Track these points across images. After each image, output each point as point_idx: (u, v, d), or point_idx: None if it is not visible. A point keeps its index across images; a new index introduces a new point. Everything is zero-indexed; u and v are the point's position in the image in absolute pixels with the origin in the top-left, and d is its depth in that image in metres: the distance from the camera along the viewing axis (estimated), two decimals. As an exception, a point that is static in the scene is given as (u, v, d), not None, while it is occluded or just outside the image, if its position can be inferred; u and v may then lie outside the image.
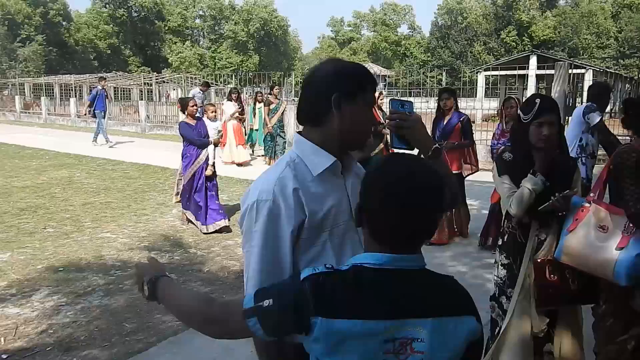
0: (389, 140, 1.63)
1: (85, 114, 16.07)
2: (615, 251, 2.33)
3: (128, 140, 17.13)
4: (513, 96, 6.19)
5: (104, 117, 15.68)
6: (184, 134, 6.48)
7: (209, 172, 6.55)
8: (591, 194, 2.55)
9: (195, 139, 6.44)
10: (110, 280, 4.83)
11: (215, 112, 7.69)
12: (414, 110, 1.60)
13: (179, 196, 6.81)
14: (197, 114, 6.77)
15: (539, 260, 2.55)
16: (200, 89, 15.14)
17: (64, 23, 54.83)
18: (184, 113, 6.72)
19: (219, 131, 7.53)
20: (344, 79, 1.48)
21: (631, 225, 2.34)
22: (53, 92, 28.89)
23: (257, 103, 12.92)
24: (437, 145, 1.59)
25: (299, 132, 1.56)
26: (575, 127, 5.06)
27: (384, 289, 1.16)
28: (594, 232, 2.40)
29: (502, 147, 5.48)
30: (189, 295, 1.49)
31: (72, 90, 27.29)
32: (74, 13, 58.51)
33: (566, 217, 2.53)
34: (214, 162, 6.72)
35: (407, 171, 1.19)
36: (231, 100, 11.98)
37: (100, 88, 15.53)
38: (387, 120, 1.58)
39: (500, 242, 2.83)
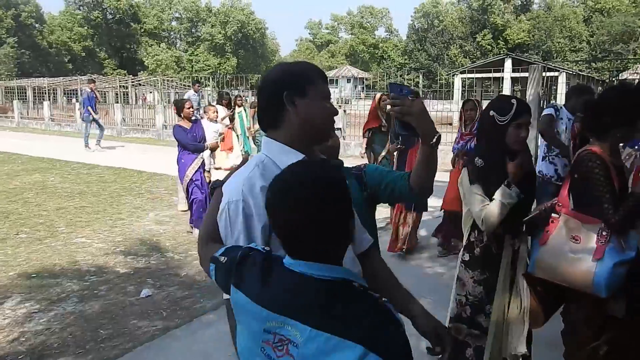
0: (394, 127, 1.68)
1: (96, 118, 15.40)
2: (592, 262, 2.28)
3: (103, 143, 16.85)
4: (472, 98, 5.96)
5: (92, 121, 15.41)
6: (178, 138, 6.24)
7: (207, 178, 6.42)
8: (558, 204, 2.49)
9: (188, 144, 6.21)
10: (85, 286, 4.74)
11: (217, 112, 7.46)
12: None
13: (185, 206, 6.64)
14: (194, 116, 6.51)
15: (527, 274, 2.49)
16: (195, 90, 14.68)
17: (36, 25, 53.84)
18: (179, 115, 6.44)
19: (221, 134, 7.25)
20: (291, 77, 1.54)
21: (604, 234, 2.30)
22: (26, 96, 28.34)
23: (236, 107, 12.44)
24: (439, 133, 1.63)
25: (266, 136, 1.59)
26: None
27: (278, 282, 1.21)
28: (567, 243, 2.37)
29: (457, 150, 5.39)
30: (211, 218, 1.56)
31: (45, 93, 26.80)
32: (47, 15, 57.52)
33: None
34: (209, 169, 6.60)
35: (282, 179, 1.23)
36: (221, 105, 11.55)
37: (90, 90, 15.29)
38: (388, 106, 1.65)
39: (467, 258, 2.61)
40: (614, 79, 13.45)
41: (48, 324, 3.97)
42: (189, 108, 6.33)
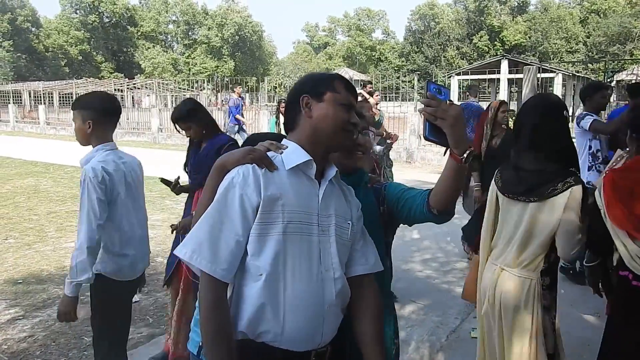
0: (422, 128, 1.49)
1: (243, 128, 13.21)
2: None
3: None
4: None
5: (239, 132, 13.05)
6: None
7: None
8: None
9: None
10: (72, 291, 4.67)
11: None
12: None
13: None
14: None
15: None
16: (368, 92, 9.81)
17: (33, 29, 53.82)
18: None
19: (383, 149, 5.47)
20: (311, 81, 1.58)
21: None
22: (21, 99, 28.29)
23: (281, 115, 9.38)
24: (472, 149, 1.47)
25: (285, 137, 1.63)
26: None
27: None
28: None
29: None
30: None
31: (41, 97, 26.75)
32: (43, 19, 57.44)
33: None
34: None
35: None
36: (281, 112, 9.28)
37: (237, 96, 13.18)
38: (420, 105, 1.47)
39: (549, 282, 2.41)
40: (608, 79, 13.44)
41: (32, 330, 3.91)
42: None
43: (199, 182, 3.28)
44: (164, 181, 3.57)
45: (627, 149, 3.64)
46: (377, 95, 9.62)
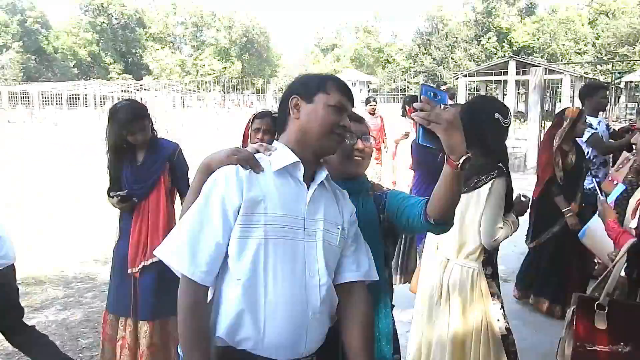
0: (416, 134, 1.37)
1: None
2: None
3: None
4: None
5: None
6: (422, 161, 3.74)
7: None
8: None
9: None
10: (70, 292, 4.67)
11: None
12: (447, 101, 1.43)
13: None
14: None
15: None
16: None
17: (42, 30, 54.14)
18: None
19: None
20: (303, 82, 1.55)
21: None
22: (29, 100, 28.48)
23: None
24: (469, 154, 1.39)
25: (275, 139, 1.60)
26: None
27: None
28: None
29: None
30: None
31: (49, 98, 26.94)
32: (53, 21, 57.85)
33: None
34: None
35: None
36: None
37: None
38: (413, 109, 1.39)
39: (490, 271, 2.59)
40: (616, 80, 13.33)
41: (28, 332, 3.88)
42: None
43: (146, 191, 3.11)
44: (126, 196, 3.08)
45: (634, 151, 3.58)
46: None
